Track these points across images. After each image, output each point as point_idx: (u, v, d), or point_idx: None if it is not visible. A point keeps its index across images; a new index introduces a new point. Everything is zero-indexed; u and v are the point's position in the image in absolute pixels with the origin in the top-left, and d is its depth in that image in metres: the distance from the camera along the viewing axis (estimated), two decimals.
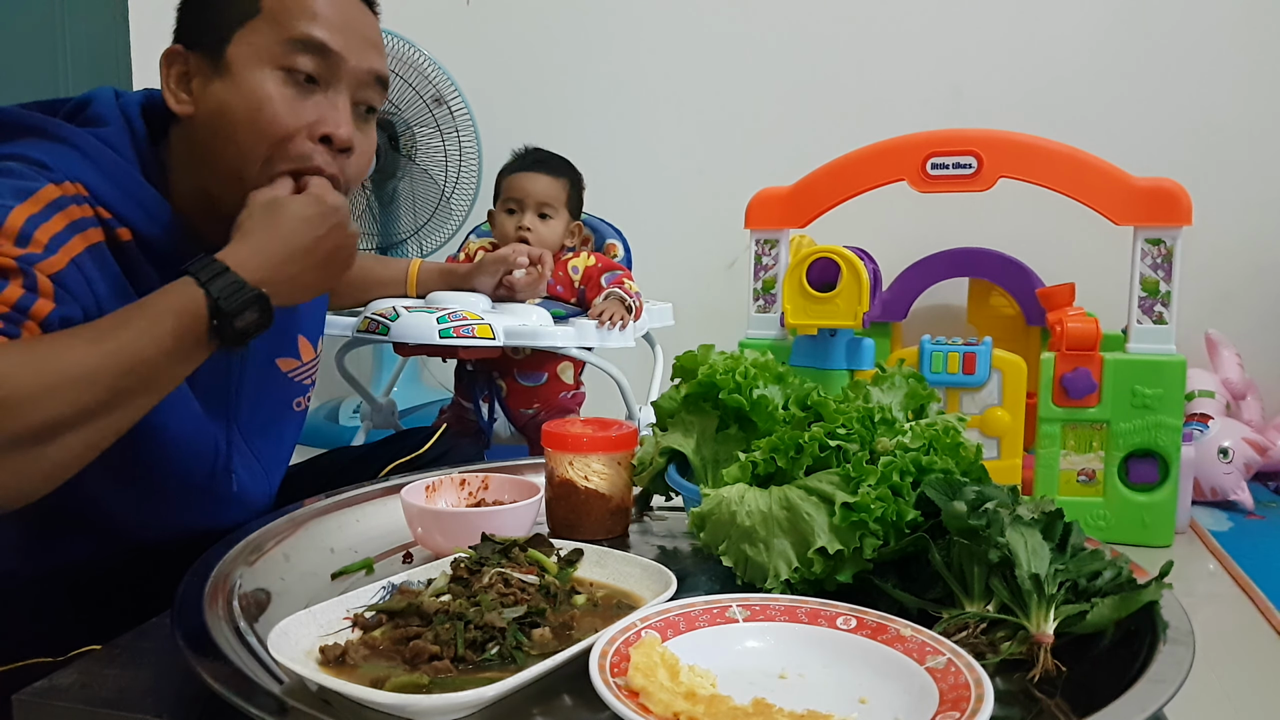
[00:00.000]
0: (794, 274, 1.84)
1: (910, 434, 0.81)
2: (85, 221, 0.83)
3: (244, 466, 1.03)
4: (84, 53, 2.03)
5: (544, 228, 1.79)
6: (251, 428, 1.04)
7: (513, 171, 1.84)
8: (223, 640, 0.66)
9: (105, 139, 0.88)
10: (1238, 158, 2.39)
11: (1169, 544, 1.83)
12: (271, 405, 1.06)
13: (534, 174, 1.81)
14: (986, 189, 1.94)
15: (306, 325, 1.09)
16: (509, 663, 0.63)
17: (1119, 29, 2.44)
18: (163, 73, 0.90)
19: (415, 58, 2.44)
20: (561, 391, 1.86)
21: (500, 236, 1.83)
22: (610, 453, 0.94)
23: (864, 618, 0.68)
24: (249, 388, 1.01)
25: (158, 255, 0.89)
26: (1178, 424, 1.81)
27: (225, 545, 0.84)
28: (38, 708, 0.64)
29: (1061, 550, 0.70)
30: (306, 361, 1.09)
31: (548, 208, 1.79)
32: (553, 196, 1.80)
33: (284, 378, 1.07)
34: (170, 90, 0.90)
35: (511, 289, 1.59)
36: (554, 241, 1.81)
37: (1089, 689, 0.62)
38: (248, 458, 1.04)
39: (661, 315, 1.91)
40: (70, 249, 0.81)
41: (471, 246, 1.92)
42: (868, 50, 2.59)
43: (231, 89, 0.88)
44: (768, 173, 2.25)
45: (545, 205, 1.79)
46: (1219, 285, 2.39)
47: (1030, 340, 2.32)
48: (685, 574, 0.79)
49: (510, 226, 1.80)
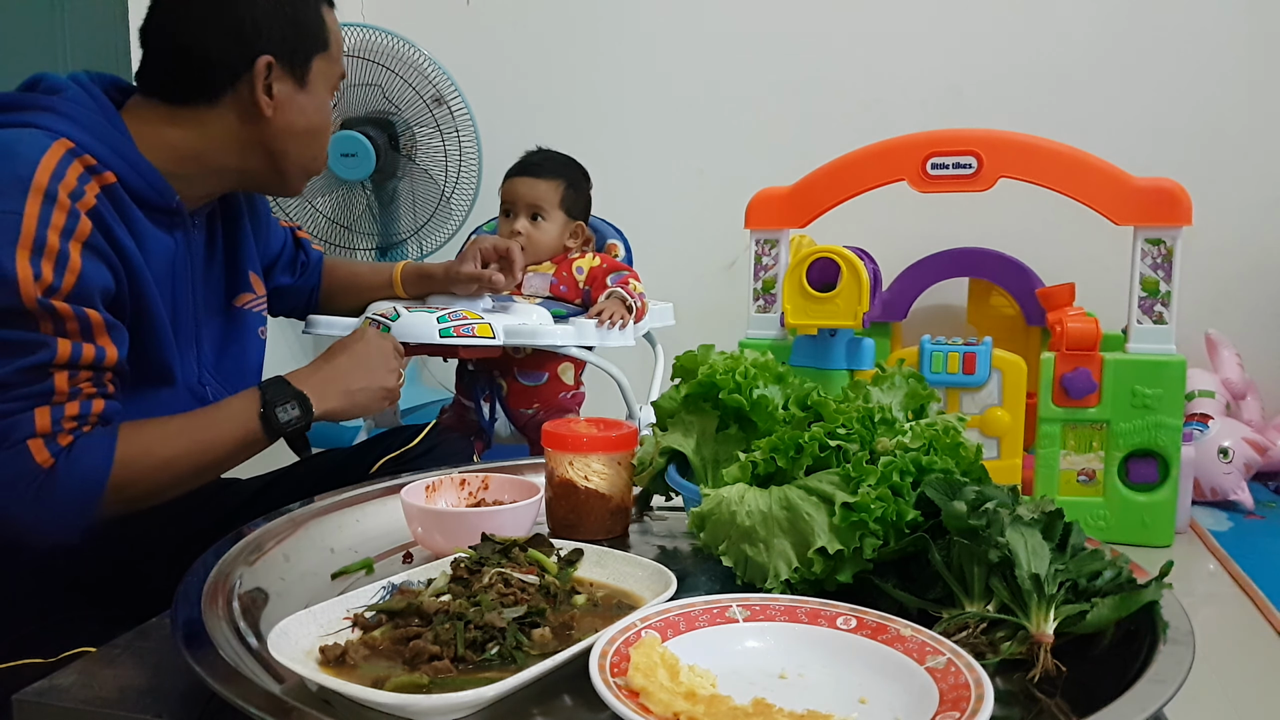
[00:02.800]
0: (794, 274, 1.84)
1: (910, 434, 0.81)
2: (90, 169, 0.95)
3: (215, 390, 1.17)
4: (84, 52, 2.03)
5: (537, 230, 1.79)
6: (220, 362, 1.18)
7: (508, 176, 1.85)
8: (223, 640, 0.66)
9: (71, 99, 0.99)
10: (1238, 158, 2.39)
11: (1169, 544, 1.83)
12: (239, 337, 1.21)
13: (525, 178, 1.82)
14: (986, 189, 1.94)
15: (253, 264, 1.24)
16: (509, 663, 0.63)
17: (1119, 29, 2.44)
18: (258, 77, 1.04)
19: (415, 58, 2.44)
20: (561, 392, 1.85)
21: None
22: (610, 453, 0.94)
23: (864, 618, 0.68)
24: (209, 329, 1.16)
25: (139, 198, 1.00)
26: (1178, 424, 1.81)
27: (225, 545, 0.84)
28: (38, 708, 0.64)
29: (1061, 550, 0.70)
30: (259, 294, 1.25)
31: (540, 210, 1.80)
32: (544, 198, 1.80)
33: (244, 312, 1.22)
34: (261, 93, 1.04)
35: (493, 290, 1.59)
36: (549, 243, 1.80)
37: (1089, 689, 0.62)
38: (216, 384, 1.17)
39: (662, 315, 1.91)
40: (85, 203, 0.93)
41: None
42: (868, 50, 2.59)
43: (311, 102, 1.09)
44: (768, 173, 2.25)
45: (536, 208, 1.80)
46: (1219, 285, 2.39)
47: (1030, 340, 2.32)
48: (685, 574, 0.79)
49: (504, 230, 1.81)
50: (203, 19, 1.02)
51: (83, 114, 0.98)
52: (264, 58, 1.03)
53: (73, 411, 0.92)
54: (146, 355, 1.03)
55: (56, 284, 0.89)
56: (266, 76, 1.04)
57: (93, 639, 0.77)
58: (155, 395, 1.06)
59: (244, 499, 1.23)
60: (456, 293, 1.56)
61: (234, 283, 1.20)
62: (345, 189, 2.55)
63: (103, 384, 0.96)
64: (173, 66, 1.04)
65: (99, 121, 0.99)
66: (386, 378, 1.17)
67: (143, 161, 1.00)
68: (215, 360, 1.16)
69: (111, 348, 0.95)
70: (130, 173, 0.99)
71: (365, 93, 2.48)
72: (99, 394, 0.95)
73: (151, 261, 1.02)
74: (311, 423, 1.08)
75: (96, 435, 0.94)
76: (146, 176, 1.01)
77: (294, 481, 1.24)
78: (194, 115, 1.04)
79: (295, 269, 1.41)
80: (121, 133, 1.00)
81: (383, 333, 1.22)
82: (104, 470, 0.93)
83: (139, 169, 1.00)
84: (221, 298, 1.18)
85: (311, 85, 1.09)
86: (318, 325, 1.57)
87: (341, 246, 2.61)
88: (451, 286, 1.55)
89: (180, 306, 1.08)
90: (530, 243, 1.78)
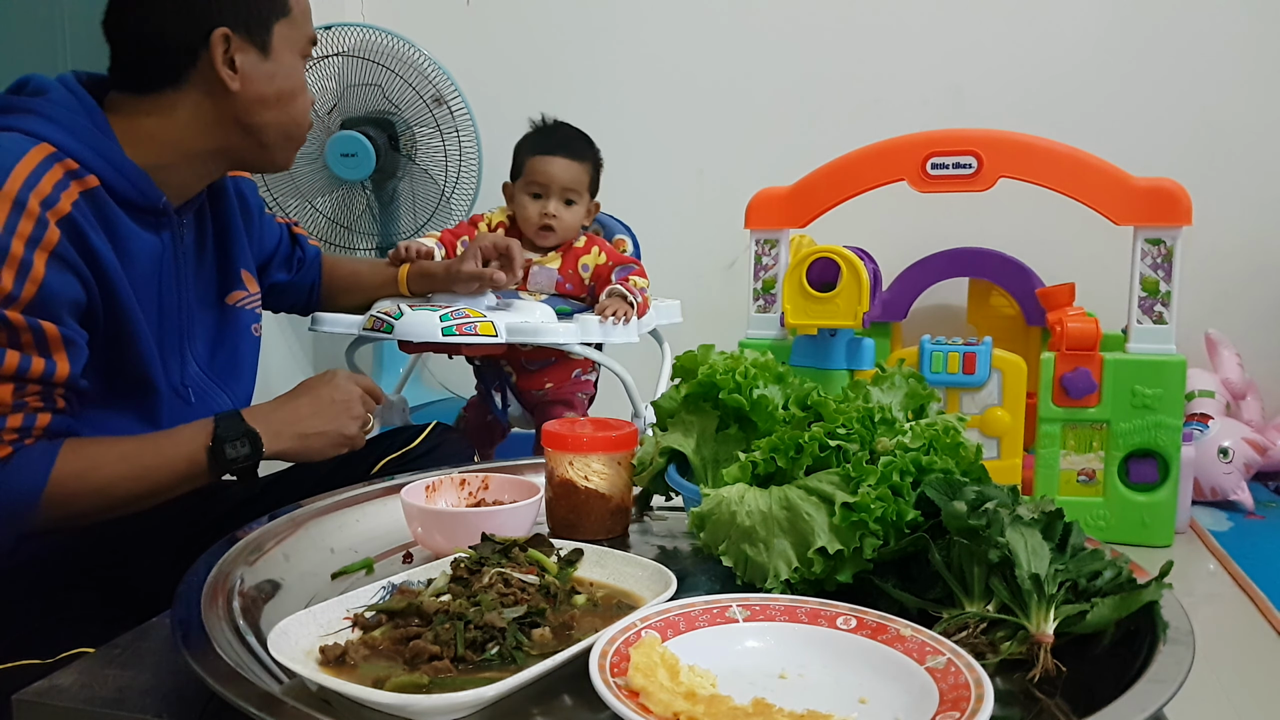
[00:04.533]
0: (794, 274, 1.84)
1: (910, 434, 0.81)
2: (71, 173, 0.95)
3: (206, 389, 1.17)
4: (83, 53, 2.03)
5: (568, 214, 1.77)
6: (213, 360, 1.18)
7: (537, 152, 1.80)
8: (223, 640, 0.66)
9: (56, 101, 0.99)
10: (1238, 158, 2.39)
11: (1169, 544, 1.83)
12: (232, 334, 1.20)
13: (560, 159, 1.77)
14: (986, 189, 1.94)
15: (246, 262, 1.24)
16: (509, 663, 0.63)
17: (1119, 28, 2.44)
18: (216, 51, 1.03)
19: (415, 58, 2.44)
20: (575, 369, 1.85)
21: (523, 220, 1.79)
22: (610, 453, 0.94)
23: (864, 618, 0.68)
24: (201, 328, 1.16)
25: (123, 199, 1.00)
26: (1178, 424, 1.81)
27: (225, 545, 0.84)
28: (38, 708, 0.64)
29: (1061, 550, 0.70)
30: (253, 291, 1.25)
31: (573, 194, 1.77)
32: (578, 181, 1.77)
33: (236, 310, 1.21)
34: (222, 66, 1.03)
35: (494, 288, 1.59)
36: (576, 226, 1.79)
37: (1089, 689, 0.62)
38: (208, 383, 1.17)
39: (670, 312, 1.90)
40: (58, 210, 0.93)
41: (493, 219, 1.89)
42: (868, 50, 2.59)
43: (277, 67, 1.07)
44: (768, 173, 2.24)
45: (570, 191, 1.77)
46: (1219, 285, 2.39)
47: (1030, 340, 2.32)
48: (685, 574, 0.79)
49: (534, 212, 1.76)
50: (154, 3, 1.02)
51: (66, 116, 0.98)
52: (219, 30, 1.02)
53: (14, 424, 0.92)
54: (124, 365, 1.03)
55: (15, 293, 0.89)
56: (226, 50, 1.03)
57: (93, 639, 0.77)
58: (134, 401, 1.06)
59: (244, 499, 1.23)
60: (458, 291, 1.56)
61: (226, 280, 1.20)
62: (345, 189, 2.55)
63: (51, 399, 0.95)
64: (135, 56, 1.04)
65: (83, 123, 0.99)
66: (347, 425, 1.13)
67: (127, 162, 1.00)
68: (208, 358, 1.16)
69: (64, 363, 0.94)
70: (114, 174, 0.99)
71: (365, 93, 2.48)
72: (46, 408, 0.95)
73: (135, 265, 1.02)
74: (259, 461, 1.06)
75: (37, 450, 0.94)
76: (131, 177, 1.00)
77: (294, 482, 1.24)
78: (164, 101, 1.04)
79: (292, 265, 1.41)
80: (106, 133, 1.00)
81: (356, 376, 1.18)
82: (38, 487, 0.93)
83: (123, 170, 1.00)
84: (213, 296, 1.18)
85: (276, 52, 1.07)
86: (323, 323, 1.57)
87: (341, 246, 2.61)
88: (453, 285, 1.55)
89: (167, 306, 1.08)
90: (561, 225, 1.76)
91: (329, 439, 1.11)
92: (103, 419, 1.03)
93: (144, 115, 1.04)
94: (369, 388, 1.18)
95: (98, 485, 0.97)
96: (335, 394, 1.13)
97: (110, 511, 0.99)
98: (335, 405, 1.12)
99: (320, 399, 1.12)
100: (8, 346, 0.90)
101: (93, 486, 0.96)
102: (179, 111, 1.04)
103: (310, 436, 1.10)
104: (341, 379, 1.15)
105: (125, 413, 1.05)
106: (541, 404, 1.84)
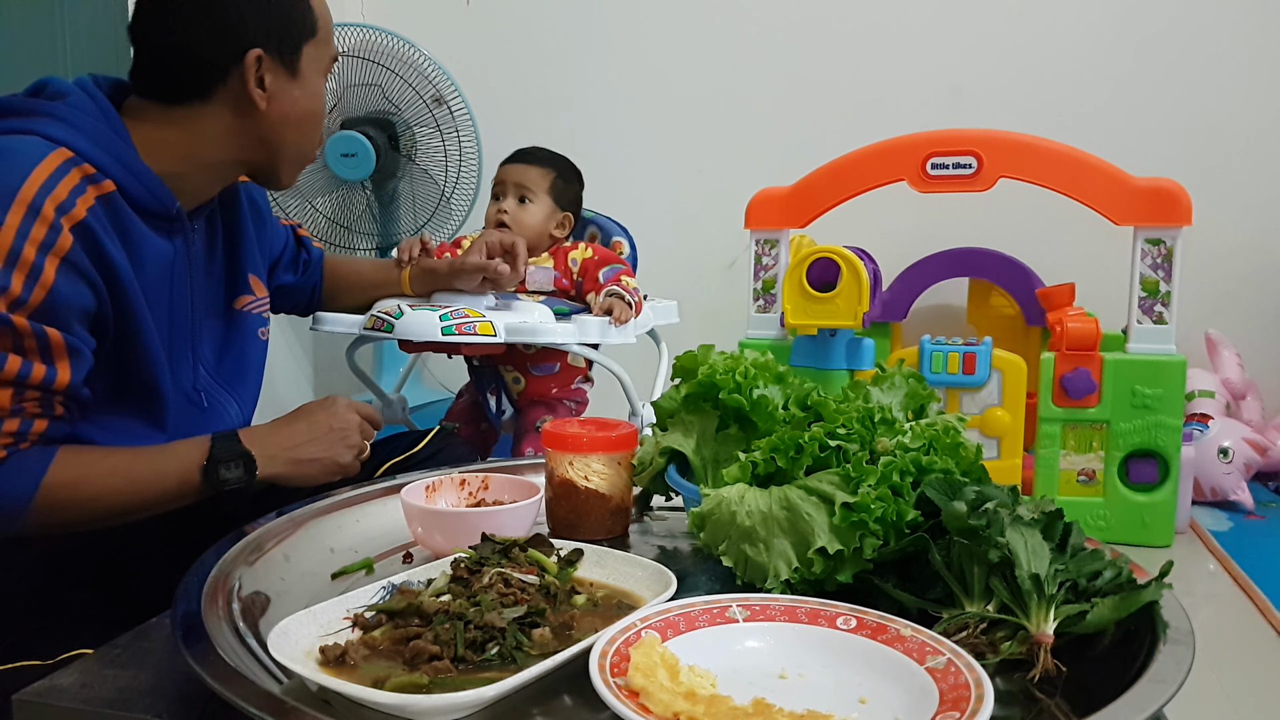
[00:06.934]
0: (794, 274, 1.84)
1: (910, 434, 0.81)
2: (88, 178, 0.95)
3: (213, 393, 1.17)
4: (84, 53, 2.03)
5: (522, 212, 1.80)
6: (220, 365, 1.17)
7: (501, 165, 1.88)
8: (222, 640, 0.66)
9: (75, 105, 0.99)
10: (1238, 158, 2.39)
11: (1169, 544, 1.83)
12: (239, 339, 1.20)
13: (515, 164, 1.85)
14: (986, 189, 1.94)
15: (254, 266, 1.24)
16: (509, 663, 0.63)
17: (1118, 29, 2.44)
18: (249, 71, 1.03)
19: (415, 58, 2.44)
20: (576, 377, 1.87)
21: (485, 220, 1.85)
22: (610, 453, 0.94)
23: (864, 618, 0.68)
24: (209, 333, 1.16)
25: (138, 205, 1.00)
26: (1178, 424, 1.81)
27: (225, 545, 0.84)
28: (38, 708, 0.64)
29: (1061, 550, 0.70)
30: (260, 296, 1.25)
31: (527, 191, 1.81)
32: (532, 181, 1.82)
33: (244, 314, 1.21)
34: (253, 87, 1.04)
35: (497, 285, 1.60)
36: (533, 225, 1.81)
37: (1089, 689, 0.62)
38: (215, 387, 1.17)
39: (667, 313, 1.90)
40: (73, 216, 0.93)
41: (466, 242, 1.92)
42: (868, 50, 2.59)
43: (303, 90, 1.09)
44: (768, 173, 2.25)
45: (524, 189, 1.81)
46: (1219, 285, 2.39)
47: (1030, 340, 2.32)
48: (685, 574, 0.79)
49: (491, 211, 1.83)
50: (189, 18, 1.02)
51: (85, 121, 0.98)
52: (253, 51, 1.03)
53: (10, 428, 0.92)
54: (132, 370, 1.03)
55: (23, 298, 0.89)
56: (257, 69, 1.03)
57: (93, 639, 0.77)
58: (141, 406, 1.06)
59: (244, 499, 1.23)
60: (462, 286, 1.56)
61: (234, 285, 1.20)
62: (345, 189, 2.55)
63: (50, 405, 0.95)
64: (163, 67, 1.04)
65: (101, 128, 0.99)
66: (343, 453, 1.13)
67: (144, 169, 1.00)
68: (215, 363, 1.16)
69: (65, 371, 0.94)
70: (130, 180, 0.99)
71: (365, 93, 2.48)
72: (44, 414, 0.95)
73: (147, 271, 1.02)
74: (252, 484, 1.06)
75: (31, 456, 0.94)
76: (147, 184, 1.00)
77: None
78: (189, 114, 1.04)
79: (298, 267, 1.41)
80: (124, 139, 1.00)
81: (356, 404, 1.17)
82: (28, 493, 0.93)
83: (140, 176, 1.00)
84: (221, 300, 1.18)
85: (304, 73, 1.08)
86: (324, 323, 1.58)
87: (341, 247, 2.61)
88: (456, 279, 1.55)
89: (177, 312, 1.09)
90: (515, 222, 1.79)
91: (323, 466, 1.12)
92: (110, 422, 1.03)
93: (165, 125, 1.04)
94: (368, 415, 1.17)
95: (88, 496, 0.97)
96: (334, 421, 1.13)
97: (99, 522, 0.99)
98: (333, 433, 1.12)
99: (318, 425, 1.12)
100: (10, 351, 0.90)
101: (83, 497, 0.97)
102: (202, 125, 1.05)
103: (304, 463, 1.10)
104: (341, 407, 1.15)
105: (132, 417, 1.05)
106: (529, 408, 1.85)
